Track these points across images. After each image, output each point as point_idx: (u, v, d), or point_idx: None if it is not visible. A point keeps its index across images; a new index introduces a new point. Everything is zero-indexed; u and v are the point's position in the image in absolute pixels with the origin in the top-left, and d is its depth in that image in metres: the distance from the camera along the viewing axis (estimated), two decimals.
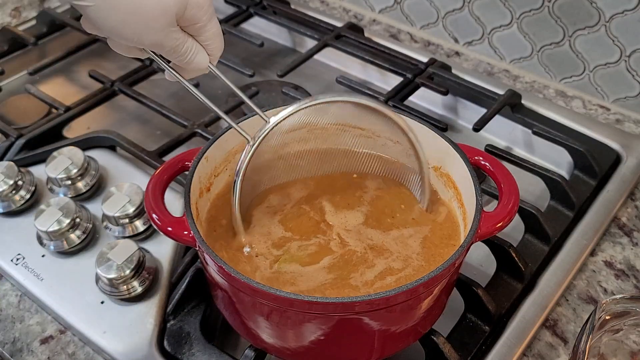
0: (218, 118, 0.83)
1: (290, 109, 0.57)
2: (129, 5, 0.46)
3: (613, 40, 0.85)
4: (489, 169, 0.59)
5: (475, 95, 0.89)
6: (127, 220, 0.69)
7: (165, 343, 0.62)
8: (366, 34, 1.01)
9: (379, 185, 0.65)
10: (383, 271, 0.56)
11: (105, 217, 0.70)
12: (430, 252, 0.58)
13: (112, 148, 0.81)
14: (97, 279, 0.65)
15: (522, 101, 0.87)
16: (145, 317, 0.63)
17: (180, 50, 0.51)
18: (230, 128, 0.61)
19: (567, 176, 0.79)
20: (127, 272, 0.63)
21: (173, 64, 0.54)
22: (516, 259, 0.66)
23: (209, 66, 0.54)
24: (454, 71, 0.92)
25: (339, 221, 0.61)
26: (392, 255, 0.58)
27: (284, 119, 0.56)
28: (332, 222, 0.61)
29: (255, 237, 0.59)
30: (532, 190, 0.81)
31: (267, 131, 0.56)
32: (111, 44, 0.52)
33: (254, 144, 0.56)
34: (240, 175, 0.56)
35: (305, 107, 0.57)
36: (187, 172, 0.57)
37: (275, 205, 0.63)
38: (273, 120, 0.56)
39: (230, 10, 1.07)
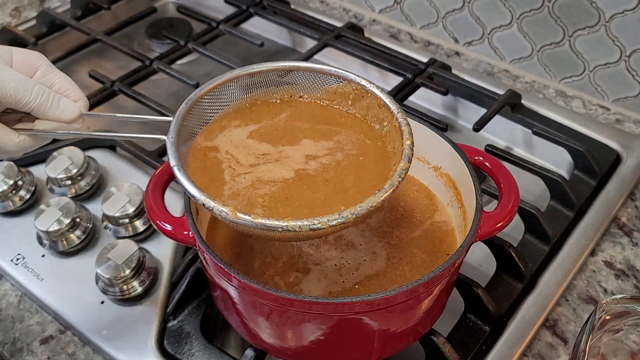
0: None
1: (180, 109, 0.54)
2: None
3: (613, 40, 0.85)
4: (489, 168, 0.59)
5: (475, 95, 0.89)
6: (127, 220, 0.69)
7: (165, 343, 0.62)
8: (366, 34, 1.01)
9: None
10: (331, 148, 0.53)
11: (105, 217, 0.70)
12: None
13: (112, 148, 0.81)
14: (97, 279, 0.65)
15: (522, 101, 0.87)
16: (145, 317, 0.63)
17: (30, 92, 0.47)
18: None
19: (567, 176, 0.79)
20: (127, 272, 0.63)
21: (47, 122, 0.49)
22: (516, 259, 0.66)
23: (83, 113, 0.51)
24: (454, 71, 0.92)
25: (222, 140, 0.55)
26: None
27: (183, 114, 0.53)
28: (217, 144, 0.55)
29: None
30: (532, 190, 0.81)
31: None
32: None
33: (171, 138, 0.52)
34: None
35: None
36: None
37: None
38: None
39: (230, 10, 1.07)
